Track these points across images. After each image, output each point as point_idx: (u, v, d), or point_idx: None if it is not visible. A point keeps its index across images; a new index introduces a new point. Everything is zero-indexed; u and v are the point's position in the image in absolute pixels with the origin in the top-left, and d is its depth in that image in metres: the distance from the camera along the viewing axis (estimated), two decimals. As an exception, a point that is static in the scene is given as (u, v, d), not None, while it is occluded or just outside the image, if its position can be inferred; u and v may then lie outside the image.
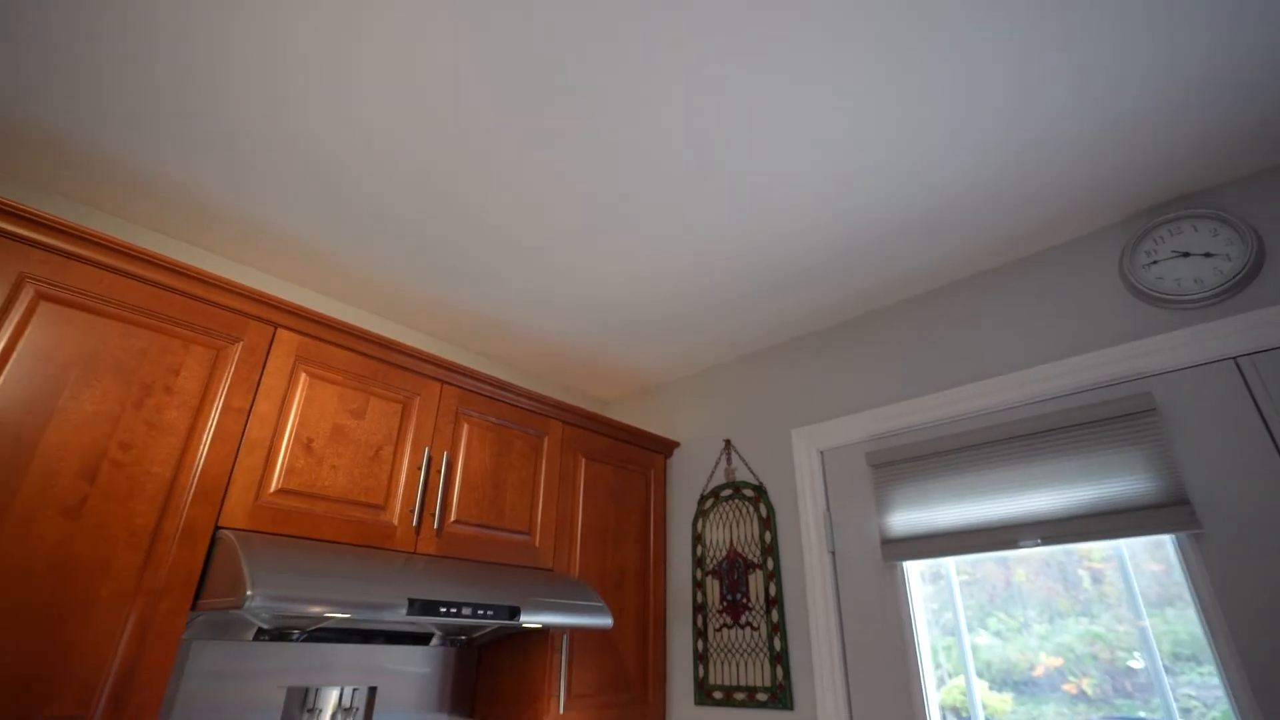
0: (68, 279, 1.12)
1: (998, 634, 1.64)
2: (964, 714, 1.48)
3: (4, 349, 1.04)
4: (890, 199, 1.37)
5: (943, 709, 1.48)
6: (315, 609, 1.04)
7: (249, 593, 0.96)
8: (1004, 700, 1.72)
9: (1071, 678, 1.46)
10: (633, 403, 2.45)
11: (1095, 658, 1.40)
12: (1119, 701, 1.36)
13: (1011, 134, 1.19)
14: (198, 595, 1.13)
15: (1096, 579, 1.41)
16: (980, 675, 1.53)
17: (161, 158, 1.32)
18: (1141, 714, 1.26)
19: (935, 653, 1.54)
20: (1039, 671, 1.47)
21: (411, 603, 1.15)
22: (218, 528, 1.18)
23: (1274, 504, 1.13)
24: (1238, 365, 1.22)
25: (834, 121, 1.17)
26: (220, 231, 1.55)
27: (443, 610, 1.19)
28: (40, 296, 1.10)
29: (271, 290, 1.75)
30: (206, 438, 1.21)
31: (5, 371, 1.03)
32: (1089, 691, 1.39)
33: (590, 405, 2.48)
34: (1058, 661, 1.47)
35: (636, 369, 2.23)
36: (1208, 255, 1.28)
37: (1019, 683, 1.49)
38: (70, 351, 1.10)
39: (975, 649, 1.56)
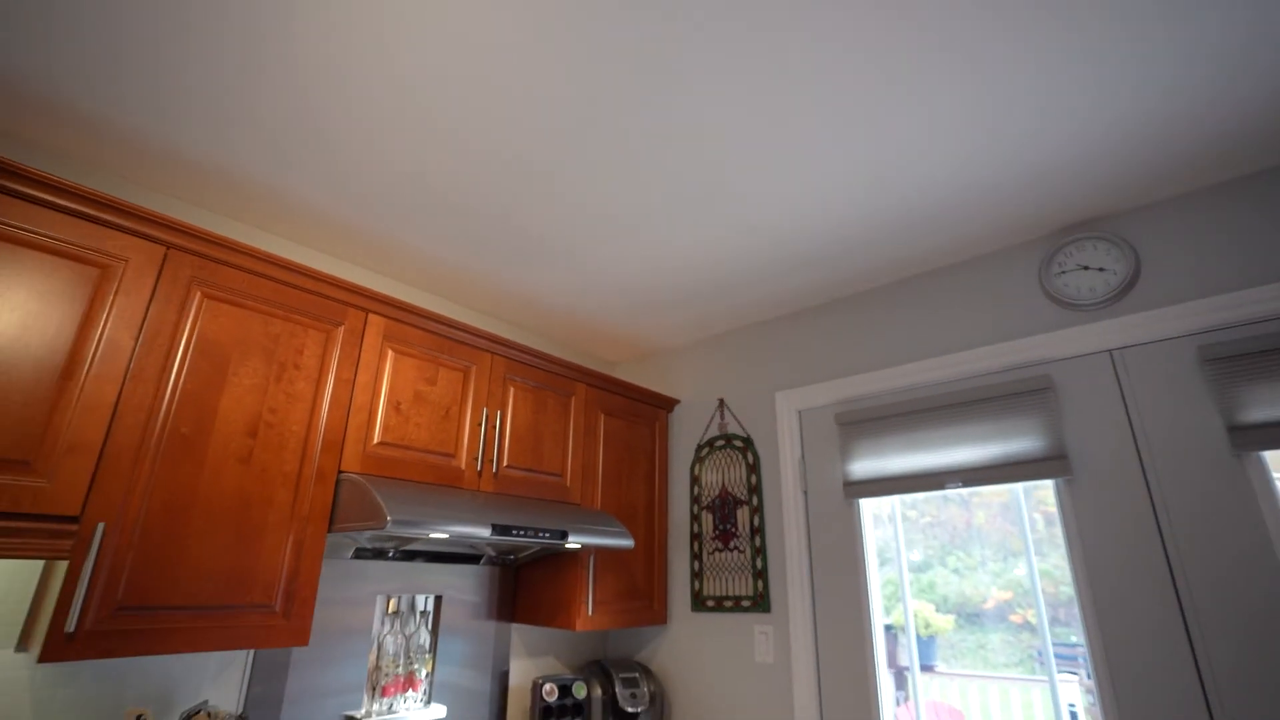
0: (221, 280, 1.44)
1: (955, 571, 2.07)
2: (901, 625, 1.94)
3: (186, 338, 1.36)
4: (862, 213, 1.72)
5: (892, 624, 1.94)
6: (430, 531, 1.42)
7: (389, 518, 1.34)
8: (947, 621, 2.19)
9: (1019, 610, 1.86)
10: (637, 365, 2.82)
11: (1042, 592, 1.76)
12: (1056, 629, 1.73)
13: (959, 173, 1.53)
14: (331, 522, 1.50)
15: (1050, 521, 1.76)
16: (937, 607, 1.95)
17: (272, 174, 1.61)
18: (1073, 638, 1.65)
19: (885, 583, 1.99)
20: (990, 604, 1.85)
21: (494, 527, 1.54)
22: (340, 472, 1.54)
23: (1123, 458, 1.55)
24: (1111, 356, 1.62)
25: (814, 160, 1.50)
26: (322, 233, 1.84)
27: (515, 532, 1.58)
28: (205, 296, 1.41)
29: (360, 280, 2.06)
30: (325, 403, 1.56)
31: (190, 356, 1.36)
32: (1032, 621, 1.71)
33: (599, 366, 2.84)
34: (1007, 595, 1.83)
35: (642, 336, 2.59)
36: (1101, 270, 1.67)
37: (971, 614, 1.89)
38: (229, 338, 1.43)
39: (933, 584, 1.98)
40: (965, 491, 1.82)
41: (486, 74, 1.28)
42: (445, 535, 1.48)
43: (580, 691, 2.09)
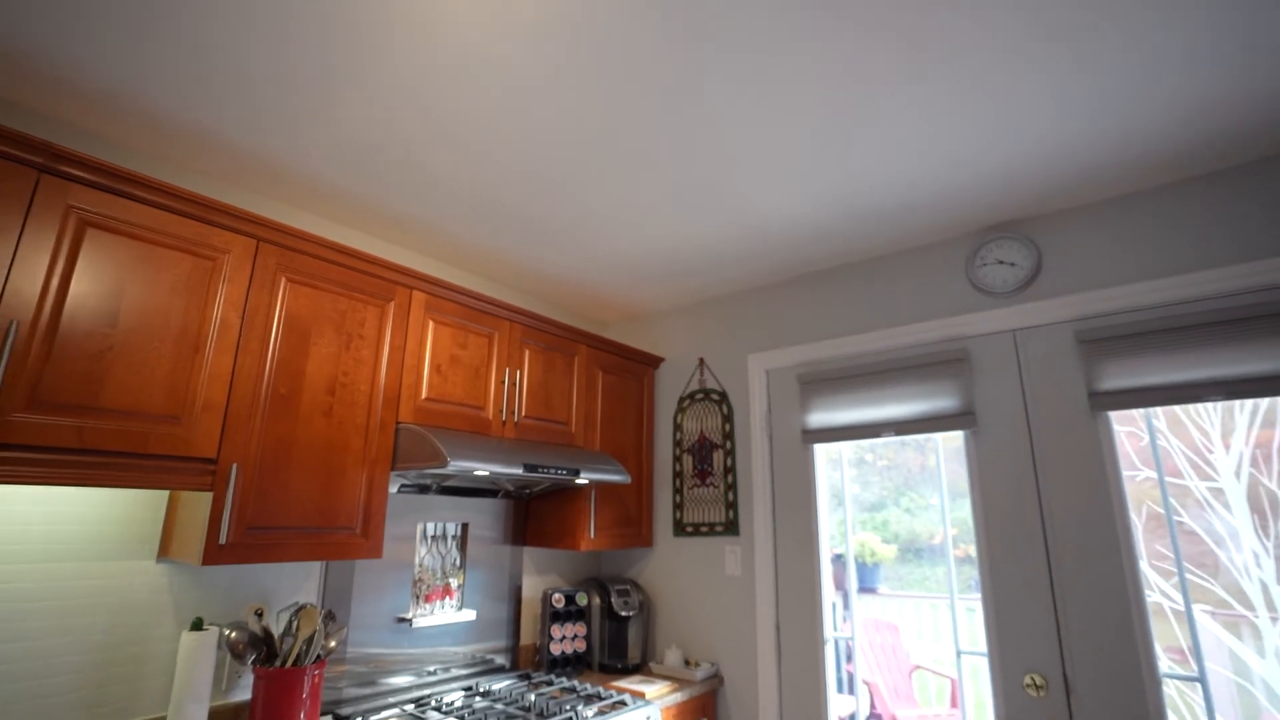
0: (300, 266, 1.74)
1: (907, 510, 2.52)
2: (843, 551, 2.41)
3: (278, 316, 1.68)
4: (828, 210, 2.07)
5: (841, 554, 2.41)
6: (477, 469, 1.80)
7: (450, 460, 1.71)
8: (890, 550, 2.66)
9: (961, 544, 2.32)
10: (627, 325, 3.18)
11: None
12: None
13: (907, 182, 1.90)
14: (393, 463, 1.87)
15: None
16: (882, 539, 2.41)
17: (337, 175, 1.88)
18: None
19: (840, 521, 2.45)
20: (938, 539, 2.31)
21: (525, 465, 1.92)
22: (398, 422, 1.90)
23: (1014, 416, 2.00)
24: (1014, 336, 2.05)
25: (791, 170, 1.85)
26: (374, 221, 2.12)
27: (540, 470, 1.97)
28: (289, 280, 1.72)
29: (405, 261, 2.36)
30: (383, 366, 1.89)
31: (281, 331, 1.68)
32: (971, 554, 2.06)
33: (594, 326, 3.20)
34: (953, 531, 2.30)
35: (633, 301, 2.94)
36: (1012, 265, 2.07)
37: (920, 549, 2.32)
38: (308, 315, 1.74)
39: (886, 522, 2.44)
40: (921, 436, 2.23)
41: (518, 106, 1.58)
42: (487, 472, 1.86)
43: (582, 600, 2.54)
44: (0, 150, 1.28)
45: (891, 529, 2.52)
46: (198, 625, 1.61)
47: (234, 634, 1.65)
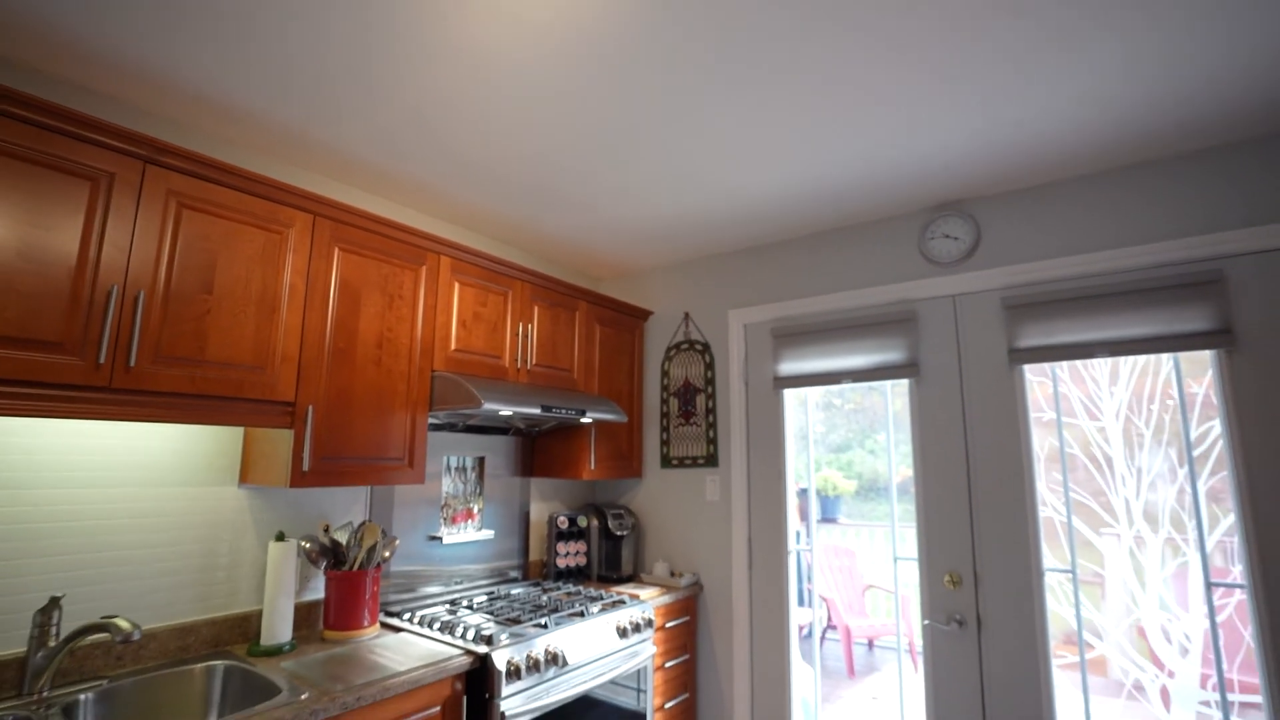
0: (349, 236, 2.01)
1: (871, 451, 2.92)
2: (807, 486, 2.84)
3: (334, 281, 1.96)
4: (802, 187, 2.39)
5: (806, 488, 2.83)
6: (503, 409, 2.14)
7: (483, 401, 2.04)
8: (850, 484, 3.09)
9: (904, 468, 2.70)
10: (619, 281, 3.49)
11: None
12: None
13: (870, 165, 2.22)
14: (430, 405, 2.20)
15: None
16: (844, 474, 2.84)
17: (375, 153, 2.12)
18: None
19: (813, 459, 2.86)
20: (899, 479, 2.73)
21: (543, 406, 2.27)
22: (433, 371, 2.22)
23: (949, 368, 2.40)
24: (954, 300, 2.43)
25: (773, 155, 2.15)
26: (407, 193, 2.37)
27: (554, 410, 2.32)
28: (341, 249, 1.99)
29: (433, 229, 2.61)
30: (419, 323, 2.20)
31: (337, 294, 1.96)
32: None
33: (588, 282, 3.50)
34: (902, 465, 2.70)
35: (626, 259, 3.24)
36: (956, 239, 2.43)
37: (882, 488, 2.71)
38: (358, 279, 2.03)
39: (851, 462, 2.87)
40: (887, 383, 2.61)
41: (531, 100, 1.85)
42: (510, 412, 2.21)
43: (583, 522, 2.95)
44: (114, 145, 1.53)
45: (855, 469, 2.95)
46: (280, 537, 1.95)
47: (309, 545, 2.01)
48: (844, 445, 3.00)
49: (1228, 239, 1.96)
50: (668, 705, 2.64)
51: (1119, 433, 2.16)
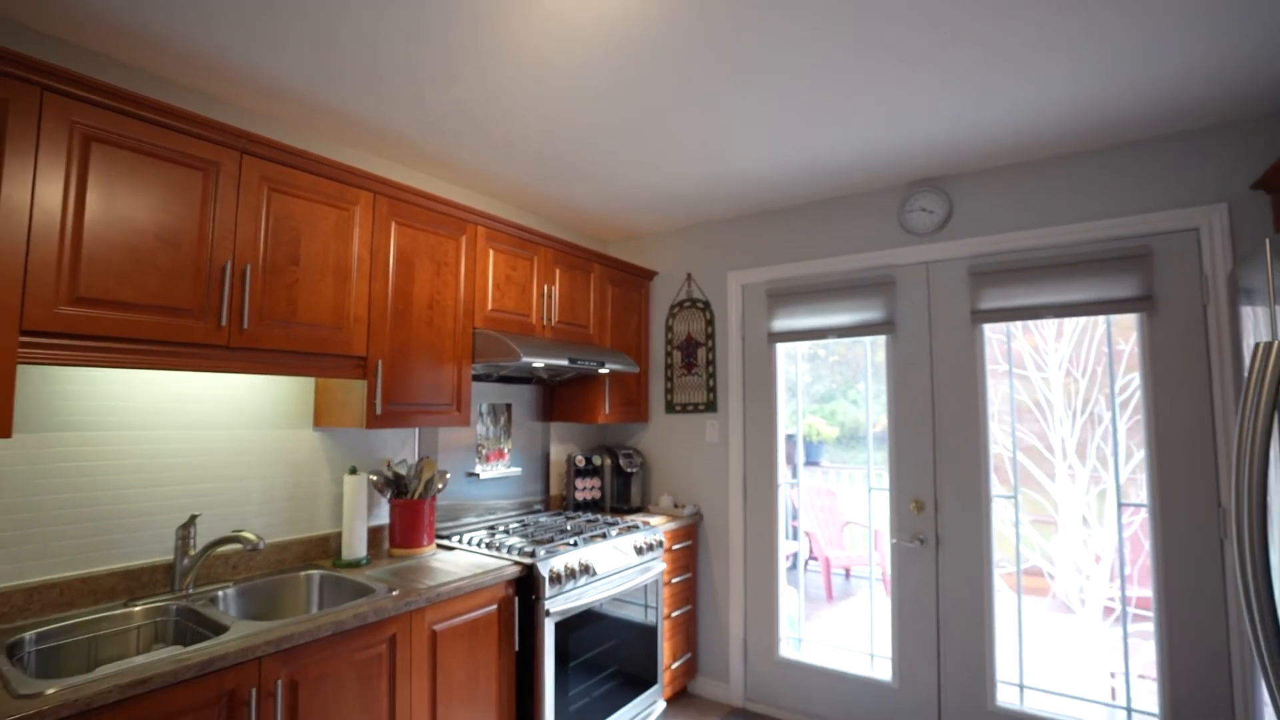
0: (402, 211, 2.29)
1: (854, 401, 3.29)
2: (795, 433, 3.23)
3: (391, 252, 2.25)
4: (797, 163, 2.69)
5: (794, 434, 3.22)
6: (536, 361, 2.48)
7: (522, 356, 2.38)
8: (832, 431, 3.48)
9: (882, 420, 3.12)
10: (625, 243, 3.78)
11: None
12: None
13: (858, 146, 2.52)
14: (473, 358, 2.52)
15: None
16: (827, 422, 3.24)
17: (420, 135, 2.38)
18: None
19: (798, 410, 3.24)
20: (878, 428, 3.11)
21: (570, 359, 2.61)
22: (474, 328, 2.54)
23: (920, 326, 2.76)
24: (927, 267, 2.77)
25: (773, 136, 2.44)
26: (445, 170, 2.62)
27: (579, 361, 2.66)
28: (396, 224, 2.28)
29: (470, 201, 2.87)
30: (461, 286, 2.50)
31: (395, 263, 2.26)
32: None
33: (596, 244, 3.79)
34: (886, 419, 3.09)
35: (632, 223, 3.53)
36: (931, 212, 2.75)
37: (863, 436, 3.11)
38: (411, 249, 2.32)
39: (834, 412, 3.26)
40: (867, 339, 2.96)
41: (562, 94, 2.12)
42: (543, 364, 2.55)
43: (597, 461, 3.34)
44: (217, 138, 1.79)
45: (838, 418, 3.35)
46: (353, 471, 2.31)
47: (376, 477, 2.36)
48: (828, 395, 3.38)
49: (1156, 219, 2.31)
50: (674, 614, 3.09)
51: (1060, 382, 2.55)
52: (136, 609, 1.74)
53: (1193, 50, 1.82)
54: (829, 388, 3.31)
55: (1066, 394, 2.52)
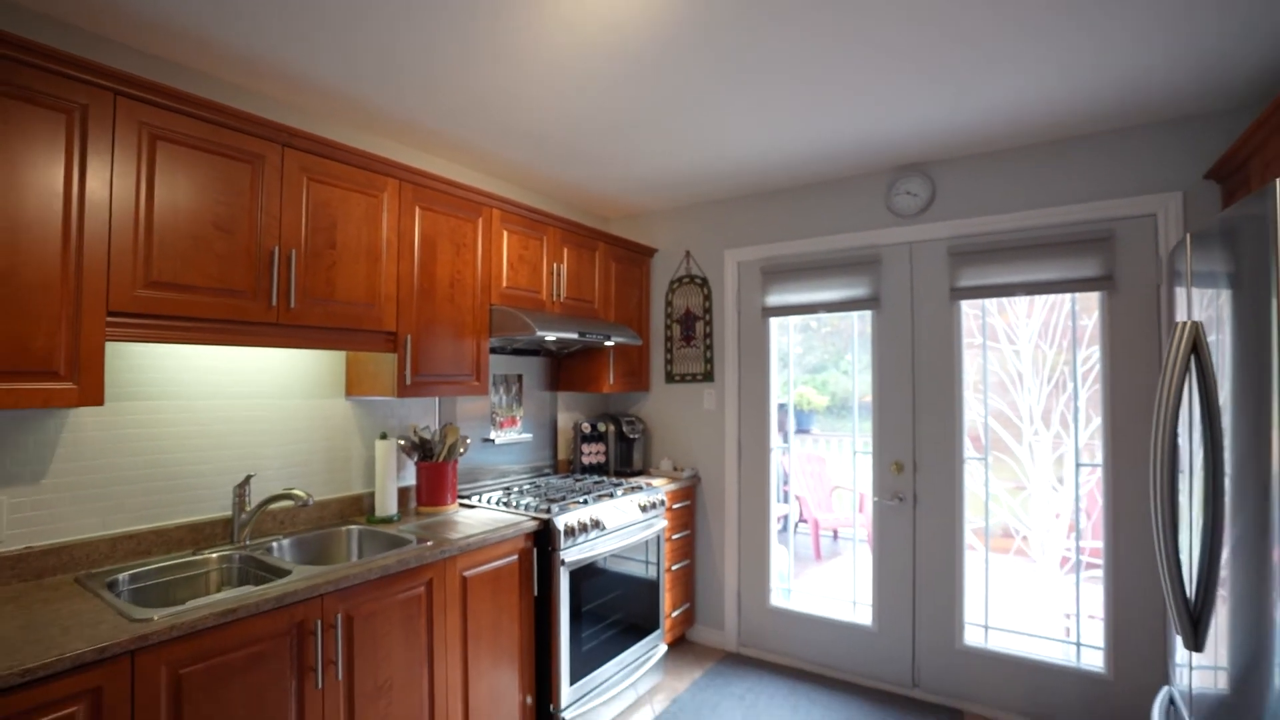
0: (425, 197, 2.47)
1: (845, 372, 3.52)
2: (787, 402, 3.46)
3: (416, 235, 2.43)
4: (791, 150, 2.87)
5: (785, 403, 3.45)
6: (549, 335, 2.68)
7: (536, 330, 2.58)
8: (823, 400, 3.72)
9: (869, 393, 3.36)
10: (626, 221, 3.96)
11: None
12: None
13: (848, 135, 2.70)
14: (490, 332, 2.73)
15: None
16: (818, 391, 3.47)
17: (439, 122, 2.54)
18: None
19: (791, 381, 3.46)
20: (866, 399, 3.36)
21: (579, 332, 2.82)
22: (491, 305, 2.74)
23: (903, 302, 2.98)
24: (910, 247, 2.98)
25: (768, 128, 2.62)
26: (461, 151, 2.79)
27: (587, 334, 2.87)
28: (420, 208, 2.45)
29: (474, 180, 3.04)
30: (479, 266, 2.69)
31: (419, 245, 2.44)
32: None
33: (599, 222, 3.96)
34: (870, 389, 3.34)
35: (633, 202, 3.71)
36: (915, 195, 2.95)
37: (850, 406, 3.36)
38: (433, 232, 2.50)
39: (826, 382, 3.48)
40: (854, 314, 3.19)
41: (576, 90, 2.29)
42: (555, 338, 2.76)
43: (602, 427, 3.57)
44: (261, 133, 1.96)
45: (830, 388, 3.58)
46: (384, 436, 2.52)
47: (404, 442, 2.59)
48: (820, 366, 3.61)
49: (1118, 205, 2.52)
50: (674, 568, 3.36)
51: (1029, 355, 2.78)
52: (209, 555, 1.97)
53: (1154, 53, 2.01)
54: (821, 358, 3.53)
55: (1035, 365, 2.75)
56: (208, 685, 1.52)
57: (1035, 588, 2.99)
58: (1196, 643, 1.36)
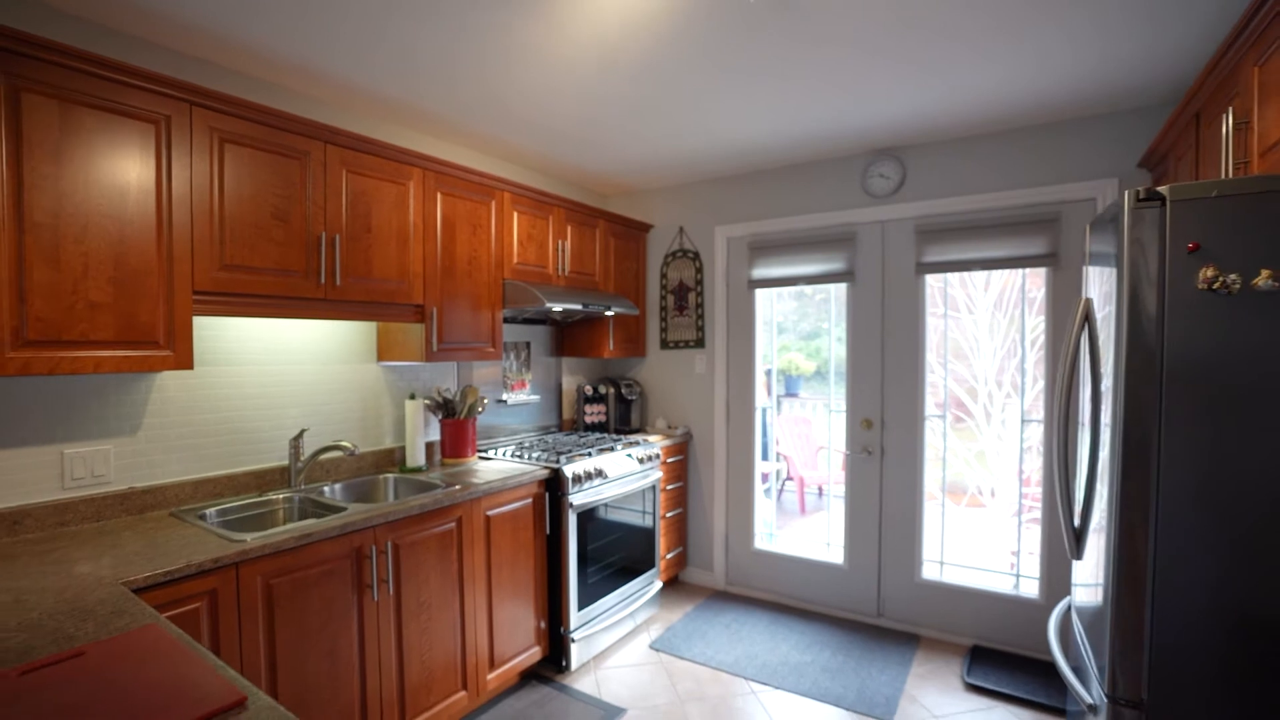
0: (445, 183, 2.76)
1: (839, 339, 3.86)
2: (772, 368, 3.79)
3: (439, 218, 2.73)
4: (776, 134, 3.15)
5: (771, 369, 3.79)
6: (556, 306, 3.00)
7: (545, 302, 2.90)
8: (809, 365, 4.05)
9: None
10: (622, 199, 4.24)
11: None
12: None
13: (828, 123, 2.98)
14: (504, 304, 3.04)
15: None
16: (807, 357, 3.81)
17: (455, 114, 2.81)
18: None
19: (781, 347, 3.78)
20: (843, 365, 3.70)
21: (584, 303, 3.14)
22: (504, 279, 3.05)
23: (875, 275, 3.30)
24: (882, 226, 3.28)
25: (758, 115, 2.90)
26: (472, 138, 3.06)
27: (591, 305, 3.19)
28: (441, 194, 2.74)
29: (484, 164, 3.31)
30: (493, 244, 2.99)
31: (441, 227, 2.74)
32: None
33: (597, 201, 4.24)
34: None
35: (629, 181, 3.98)
36: (888, 178, 3.24)
37: (841, 372, 3.70)
38: (453, 215, 2.80)
39: (819, 349, 3.82)
40: (831, 286, 3.52)
41: (581, 88, 2.57)
42: (562, 308, 3.08)
43: (603, 390, 3.91)
44: (308, 132, 2.24)
45: (822, 354, 3.92)
46: (413, 397, 2.86)
47: (430, 401, 2.93)
48: (815, 333, 3.94)
49: (1065, 190, 2.83)
50: (668, 515, 3.75)
51: (987, 324, 3.12)
52: (273, 497, 2.32)
53: (1090, 53, 2.29)
54: (816, 325, 3.86)
55: (990, 332, 3.08)
56: (291, 593, 1.88)
57: (987, 531, 3.38)
58: (1078, 552, 1.72)
